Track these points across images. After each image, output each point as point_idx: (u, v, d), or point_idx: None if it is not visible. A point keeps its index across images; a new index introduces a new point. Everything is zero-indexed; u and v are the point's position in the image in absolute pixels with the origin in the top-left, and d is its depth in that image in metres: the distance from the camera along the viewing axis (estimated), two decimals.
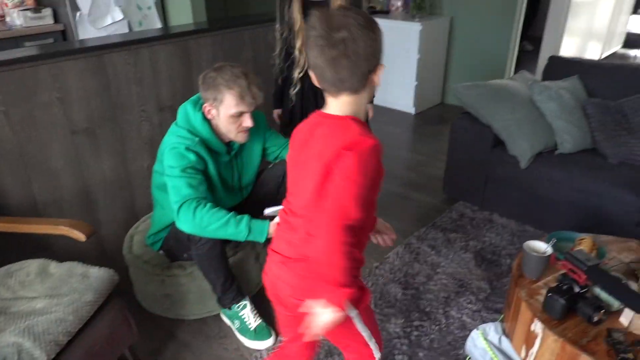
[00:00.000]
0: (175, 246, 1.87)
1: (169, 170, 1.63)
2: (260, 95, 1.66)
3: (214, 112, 1.66)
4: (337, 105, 1.04)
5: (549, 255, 1.52)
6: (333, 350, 1.79)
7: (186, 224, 1.56)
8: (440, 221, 2.64)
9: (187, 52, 2.27)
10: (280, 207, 1.60)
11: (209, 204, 1.58)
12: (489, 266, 2.26)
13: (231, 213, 1.57)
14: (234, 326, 1.90)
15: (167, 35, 2.21)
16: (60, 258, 1.97)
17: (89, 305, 1.33)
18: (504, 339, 1.61)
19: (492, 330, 1.65)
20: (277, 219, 1.58)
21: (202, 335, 1.93)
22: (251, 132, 1.86)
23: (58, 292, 1.36)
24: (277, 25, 2.06)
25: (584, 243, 1.62)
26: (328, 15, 0.96)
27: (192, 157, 1.63)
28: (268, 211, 1.60)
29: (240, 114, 1.65)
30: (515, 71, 4.22)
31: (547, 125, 2.45)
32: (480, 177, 2.64)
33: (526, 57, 4.97)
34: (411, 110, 4.33)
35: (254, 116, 1.80)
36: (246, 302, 1.90)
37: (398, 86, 4.31)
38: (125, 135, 2.14)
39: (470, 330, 1.82)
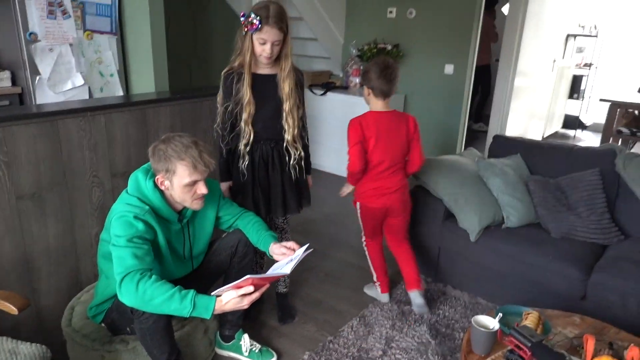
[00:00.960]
0: (118, 319, 1.78)
1: (115, 239, 1.58)
2: (212, 163, 1.67)
3: (167, 183, 1.66)
4: (386, 104, 2.29)
5: (496, 331, 1.54)
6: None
7: (128, 297, 1.49)
8: (395, 293, 2.64)
9: (145, 119, 2.28)
10: (228, 286, 1.58)
11: (154, 276, 1.52)
12: (443, 340, 2.25)
13: (176, 287, 1.52)
14: None
15: (125, 103, 2.23)
16: None
17: None
18: None
19: None
20: (224, 296, 1.55)
21: None
22: (205, 199, 1.86)
23: None
24: (219, 98, 2.05)
25: (530, 318, 1.65)
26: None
27: (140, 226, 1.60)
28: (216, 292, 1.56)
29: (194, 183, 1.65)
30: (465, 148, 4.47)
31: (494, 200, 2.57)
32: (434, 249, 2.70)
33: (481, 136, 5.28)
34: None
35: (208, 184, 1.81)
36: None
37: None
38: (74, 201, 2.08)
39: None
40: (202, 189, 1.68)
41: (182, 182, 1.63)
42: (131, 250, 1.55)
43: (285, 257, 1.79)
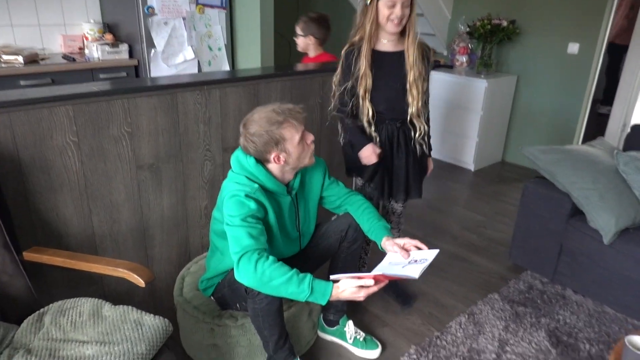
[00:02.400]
0: (229, 295, 1.77)
1: (229, 219, 1.55)
2: (302, 109, 1.64)
3: (283, 156, 1.60)
4: None
5: None
6: None
7: (247, 277, 1.46)
8: (507, 291, 2.43)
9: (257, 94, 2.24)
10: (348, 274, 1.49)
11: (271, 257, 1.48)
12: (565, 350, 2.02)
13: (294, 270, 1.46)
14: None
15: (239, 77, 2.20)
16: (111, 293, 1.91)
17: (141, 358, 1.23)
18: None
19: None
20: (342, 283, 1.47)
21: None
22: (310, 174, 1.78)
23: (110, 339, 1.27)
24: (337, 79, 1.96)
25: None
26: None
27: (252, 204, 1.55)
28: (334, 277, 1.48)
29: (302, 136, 1.61)
30: (585, 136, 4.03)
31: (635, 199, 2.24)
32: (554, 247, 2.43)
33: (603, 122, 4.75)
34: (470, 166, 4.17)
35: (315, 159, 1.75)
36: None
37: (459, 141, 4.19)
38: (187, 173, 2.10)
39: None
40: (309, 137, 1.64)
41: (294, 141, 1.59)
42: (246, 229, 1.51)
43: (401, 254, 1.68)
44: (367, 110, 1.90)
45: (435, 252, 1.62)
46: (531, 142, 4.18)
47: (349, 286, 1.45)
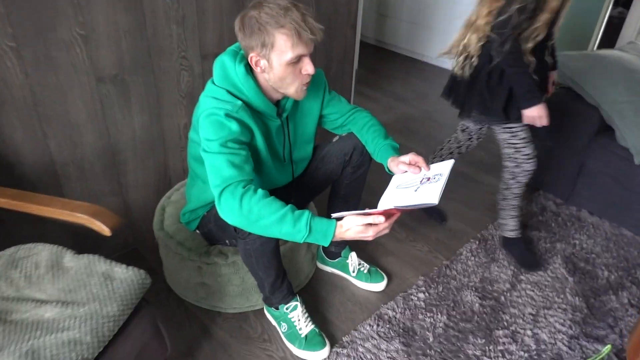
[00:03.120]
0: (217, 231, 1.53)
1: (206, 144, 1.25)
2: (320, 30, 1.24)
3: (263, 63, 1.26)
4: None
5: None
6: None
7: (230, 215, 1.20)
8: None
9: None
10: (352, 212, 1.24)
11: (259, 191, 1.20)
12: (583, 278, 1.88)
13: (288, 206, 1.20)
14: (281, 329, 1.59)
15: None
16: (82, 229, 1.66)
17: (112, 321, 1.01)
18: None
19: None
20: (346, 221, 1.23)
21: (242, 334, 1.62)
22: (308, 91, 1.47)
23: (73, 298, 1.04)
24: None
25: None
26: None
27: (234, 126, 1.25)
28: (336, 215, 1.23)
29: (299, 58, 1.25)
30: (602, 39, 3.67)
31: None
32: (573, 167, 2.21)
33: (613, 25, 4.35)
34: None
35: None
36: (297, 303, 1.57)
37: None
38: (161, 86, 1.76)
39: None
40: (308, 67, 1.27)
41: (283, 58, 1.23)
42: (227, 157, 1.22)
43: (412, 173, 1.41)
44: (534, 35, 1.57)
45: (450, 163, 1.35)
46: None
47: (354, 224, 1.21)
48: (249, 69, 1.31)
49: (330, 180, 1.69)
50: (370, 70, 3.95)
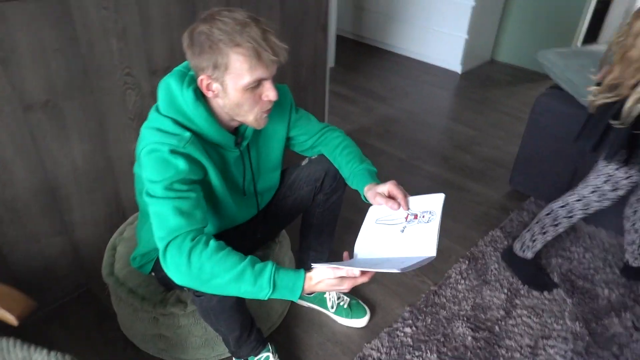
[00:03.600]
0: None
1: (149, 186, 1.05)
2: (284, 50, 1.03)
3: (216, 87, 1.05)
4: None
5: None
6: None
7: (178, 275, 1.00)
8: (510, 226, 2.08)
9: None
10: (327, 264, 1.05)
11: (211, 244, 1.00)
12: (582, 299, 1.73)
13: (247, 259, 1.01)
14: None
15: None
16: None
17: None
18: None
19: None
20: (316, 273, 1.04)
21: None
22: (271, 112, 1.27)
23: None
24: None
25: None
26: None
27: (181, 164, 1.04)
28: (317, 265, 1.03)
29: (258, 83, 1.04)
30: (589, 29, 3.51)
31: None
32: (566, 172, 2.05)
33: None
34: (457, 68, 3.65)
35: (277, 88, 1.24)
36: (268, 354, 1.39)
37: (445, 39, 3.61)
38: (103, 110, 1.54)
39: None
40: (270, 92, 1.06)
41: (239, 82, 1.02)
42: (172, 202, 1.02)
43: (387, 206, 1.20)
44: None
45: (440, 198, 1.14)
46: (526, 36, 3.65)
47: (326, 277, 1.02)
48: (200, 94, 1.11)
49: (301, 209, 1.50)
50: (347, 67, 3.74)
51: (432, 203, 1.14)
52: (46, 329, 1.61)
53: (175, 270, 1.00)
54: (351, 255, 1.13)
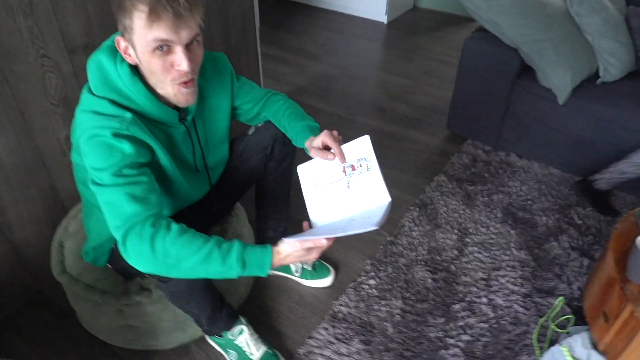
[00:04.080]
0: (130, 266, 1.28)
1: (95, 175, 0.98)
2: (194, 9, 0.95)
3: (131, 50, 0.98)
4: None
5: None
6: None
7: (142, 263, 0.96)
8: (452, 169, 2.18)
9: None
10: (292, 239, 1.04)
11: (173, 227, 0.96)
12: (524, 228, 1.87)
13: (212, 239, 0.98)
14: (230, 358, 1.41)
15: None
16: None
17: None
18: (594, 354, 1.25)
19: (578, 344, 1.28)
20: (283, 246, 1.03)
21: None
22: (211, 84, 1.21)
23: None
24: None
25: None
26: None
27: (127, 147, 0.97)
28: (288, 239, 1.02)
29: (168, 47, 0.95)
30: None
31: (587, 46, 1.96)
32: (497, 112, 2.16)
33: None
34: (383, 18, 3.65)
35: (211, 58, 1.17)
36: (242, 327, 1.39)
37: None
38: (22, 96, 1.39)
39: (526, 324, 1.47)
40: (179, 60, 0.97)
41: (143, 43, 0.94)
42: (124, 189, 0.96)
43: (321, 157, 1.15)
44: None
45: (366, 140, 1.11)
46: None
47: (293, 250, 1.03)
48: (135, 68, 1.02)
49: (253, 178, 1.47)
50: (273, 26, 3.63)
51: (362, 148, 1.12)
52: (2, 339, 1.50)
53: (139, 258, 0.95)
54: (310, 225, 1.14)
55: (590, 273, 1.43)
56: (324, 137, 1.15)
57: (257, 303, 1.61)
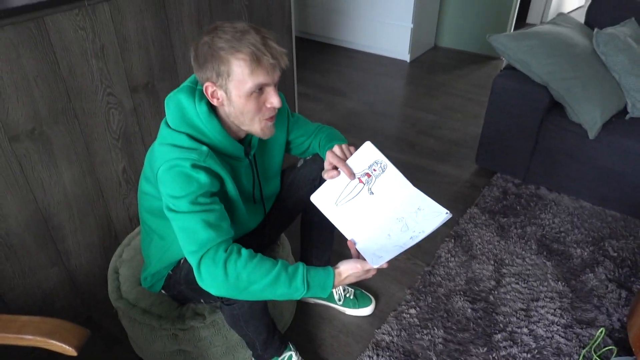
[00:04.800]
0: (189, 292, 1.34)
1: (172, 202, 1.06)
2: (284, 54, 1.07)
3: (221, 94, 1.08)
4: None
5: None
6: None
7: (215, 286, 1.03)
8: (484, 202, 2.23)
9: (162, 5, 1.60)
10: (350, 262, 1.10)
11: (244, 252, 1.04)
12: (560, 260, 1.90)
13: (279, 263, 1.05)
14: None
15: None
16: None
17: None
18: None
19: None
20: (343, 268, 1.11)
21: None
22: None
23: None
24: None
25: None
26: None
27: (203, 178, 1.06)
28: (346, 261, 1.09)
29: (260, 88, 1.07)
30: (520, 12, 3.76)
31: (615, 84, 2.04)
32: (527, 146, 2.22)
33: None
34: (406, 57, 3.79)
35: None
36: (291, 353, 1.43)
37: (391, 30, 3.74)
38: (88, 132, 1.50)
39: (569, 355, 1.48)
40: (273, 98, 1.09)
41: (242, 88, 1.04)
42: (200, 216, 1.04)
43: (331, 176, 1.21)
44: None
45: (369, 146, 1.16)
46: (464, 22, 3.85)
47: (353, 271, 1.10)
48: (211, 108, 1.12)
49: (300, 209, 1.54)
50: (301, 66, 3.79)
51: (369, 155, 1.17)
52: None
53: (213, 282, 1.02)
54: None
55: (633, 303, 1.45)
56: (329, 159, 1.22)
57: (300, 330, 1.65)
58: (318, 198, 1.24)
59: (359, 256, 1.15)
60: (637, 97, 1.99)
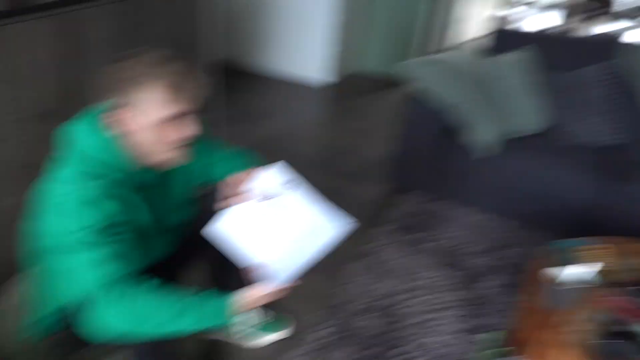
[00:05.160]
0: (85, 331, 1.25)
1: (77, 235, 1.00)
2: (203, 82, 1.08)
3: (132, 121, 1.04)
4: None
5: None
6: None
7: (121, 320, 0.99)
8: (395, 219, 2.32)
9: (63, 30, 1.54)
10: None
11: (152, 282, 1.03)
12: (464, 270, 2.02)
13: (188, 293, 1.05)
14: None
15: (41, 5, 1.46)
16: None
17: None
18: None
19: None
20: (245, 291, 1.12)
21: None
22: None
23: None
24: None
25: (599, 253, 1.41)
26: None
27: (110, 207, 1.02)
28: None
29: (177, 117, 1.04)
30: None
31: (509, 105, 2.25)
32: (436, 165, 2.36)
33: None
34: (323, 82, 3.91)
35: None
36: None
37: (309, 55, 3.85)
38: None
39: None
40: (193, 126, 1.08)
41: (157, 116, 1.02)
42: (107, 247, 1.00)
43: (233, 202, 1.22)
44: None
45: (279, 166, 1.21)
46: (378, 49, 4.07)
47: (256, 293, 1.12)
48: (116, 136, 1.08)
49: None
50: (221, 92, 3.76)
51: (280, 175, 1.20)
52: None
53: (118, 316, 1.00)
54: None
55: (517, 307, 1.59)
56: (222, 190, 1.25)
57: None
58: (221, 229, 1.20)
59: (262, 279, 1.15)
60: (528, 118, 2.22)
